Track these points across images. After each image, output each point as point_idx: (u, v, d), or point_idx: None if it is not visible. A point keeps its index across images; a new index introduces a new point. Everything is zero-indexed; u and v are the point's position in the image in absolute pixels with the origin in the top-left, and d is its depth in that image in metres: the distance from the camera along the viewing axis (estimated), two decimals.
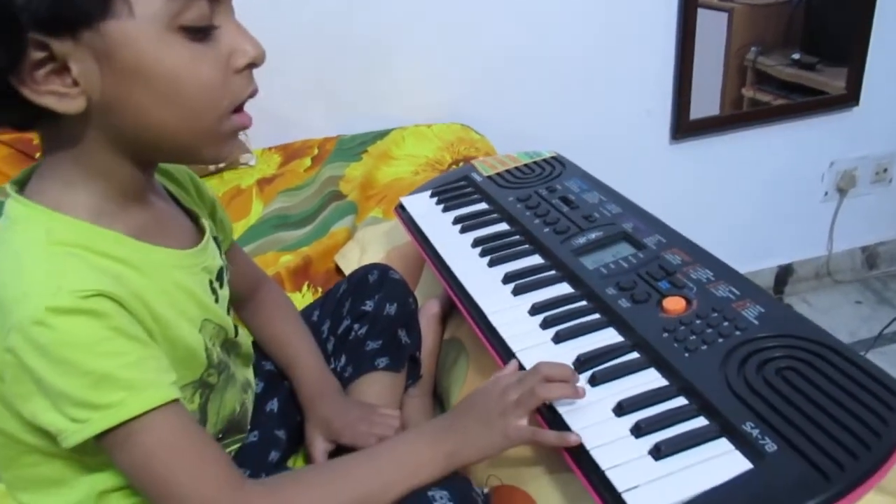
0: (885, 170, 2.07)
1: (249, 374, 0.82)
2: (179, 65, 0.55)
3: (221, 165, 1.53)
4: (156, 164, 0.66)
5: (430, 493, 0.62)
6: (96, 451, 0.58)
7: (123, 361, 0.54)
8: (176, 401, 0.57)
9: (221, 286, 0.73)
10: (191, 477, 0.57)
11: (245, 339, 0.79)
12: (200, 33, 0.56)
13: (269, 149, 1.63)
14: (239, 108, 0.61)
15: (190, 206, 0.74)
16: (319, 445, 0.80)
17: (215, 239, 0.75)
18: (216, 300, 0.71)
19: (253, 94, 0.61)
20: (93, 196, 0.59)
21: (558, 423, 0.65)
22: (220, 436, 0.74)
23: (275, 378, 0.88)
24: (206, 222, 0.73)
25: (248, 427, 0.80)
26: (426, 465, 0.64)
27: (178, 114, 0.57)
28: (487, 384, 0.70)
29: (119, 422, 0.54)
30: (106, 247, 0.58)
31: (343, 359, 0.90)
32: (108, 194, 0.60)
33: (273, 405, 0.87)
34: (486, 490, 0.69)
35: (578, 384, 0.66)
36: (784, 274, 2.15)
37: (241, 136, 1.55)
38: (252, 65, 0.60)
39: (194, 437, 0.59)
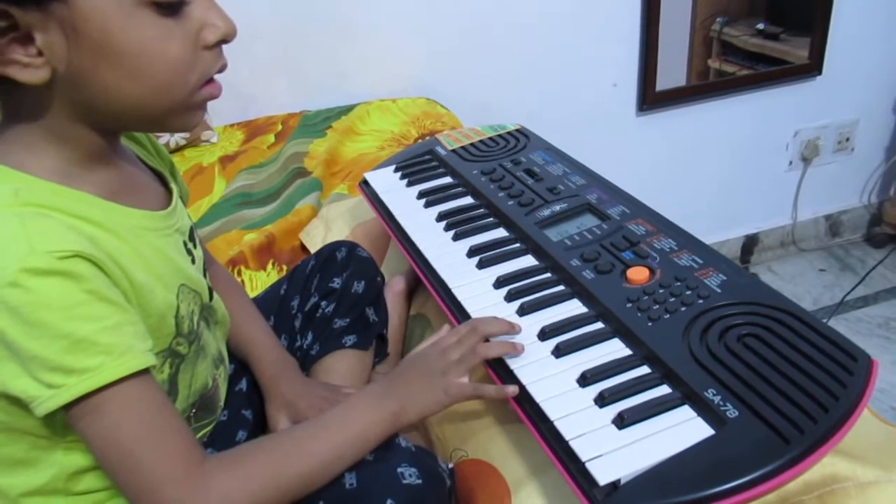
0: (847, 138, 2.09)
1: (223, 346, 0.81)
2: (147, 41, 0.54)
3: (182, 143, 1.50)
4: (123, 130, 0.65)
5: (399, 470, 0.62)
6: (66, 429, 0.57)
7: (101, 325, 0.53)
8: (149, 369, 0.56)
9: (195, 246, 0.72)
10: (155, 450, 0.56)
11: (219, 303, 0.78)
12: (171, 9, 0.55)
13: (232, 125, 1.60)
14: (208, 80, 0.60)
15: (154, 166, 0.72)
16: (285, 426, 0.79)
17: (181, 199, 0.74)
18: (192, 261, 0.70)
19: (222, 69, 0.60)
20: (59, 159, 0.58)
21: (522, 394, 0.65)
22: (193, 412, 0.73)
23: None
24: (171, 182, 0.72)
25: (221, 409, 0.79)
26: (374, 428, 0.65)
27: (146, 89, 0.56)
28: (426, 347, 0.72)
29: (96, 387, 0.53)
30: (77, 208, 0.56)
31: (310, 336, 0.89)
32: (75, 157, 0.59)
33: (243, 385, 0.86)
34: (451, 465, 0.69)
35: (518, 337, 0.69)
36: (750, 243, 2.18)
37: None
38: (223, 41, 0.59)
39: (163, 408, 0.58)
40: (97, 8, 0.52)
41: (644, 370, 0.64)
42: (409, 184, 1.03)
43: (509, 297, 0.76)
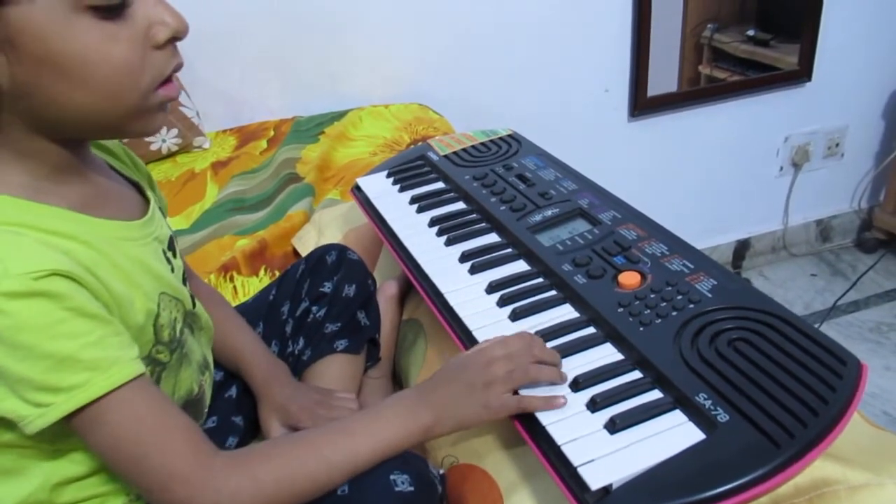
0: (837, 144, 2.11)
1: (209, 352, 0.80)
2: (89, 47, 0.53)
3: (174, 149, 1.49)
4: (84, 140, 0.63)
5: (392, 477, 0.61)
6: (54, 438, 0.57)
7: (84, 342, 0.52)
8: (141, 375, 0.56)
9: (175, 256, 0.71)
10: (161, 452, 0.56)
11: (203, 311, 0.77)
12: (110, 11, 0.53)
13: (224, 131, 1.60)
14: (165, 81, 0.58)
15: (131, 177, 0.71)
16: (277, 431, 0.79)
17: (160, 210, 0.73)
18: (171, 270, 0.69)
19: (178, 69, 0.59)
20: (24, 175, 0.57)
21: None
22: None
23: None
24: (149, 192, 0.71)
25: (206, 414, 0.79)
26: (403, 440, 0.63)
27: (95, 96, 0.55)
28: (471, 353, 0.67)
29: (84, 403, 0.52)
30: (49, 223, 0.56)
31: (301, 341, 0.89)
32: (41, 172, 0.58)
33: (232, 392, 0.85)
34: (442, 471, 0.68)
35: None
36: (742, 248, 2.19)
37: (195, 119, 1.53)
38: (174, 38, 0.57)
39: (163, 410, 0.57)
40: (32, 20, 0.51)
41: (636, 375, 0.64)
42: (402, 189, 1.03)
43: (501, 303, 0.76)
